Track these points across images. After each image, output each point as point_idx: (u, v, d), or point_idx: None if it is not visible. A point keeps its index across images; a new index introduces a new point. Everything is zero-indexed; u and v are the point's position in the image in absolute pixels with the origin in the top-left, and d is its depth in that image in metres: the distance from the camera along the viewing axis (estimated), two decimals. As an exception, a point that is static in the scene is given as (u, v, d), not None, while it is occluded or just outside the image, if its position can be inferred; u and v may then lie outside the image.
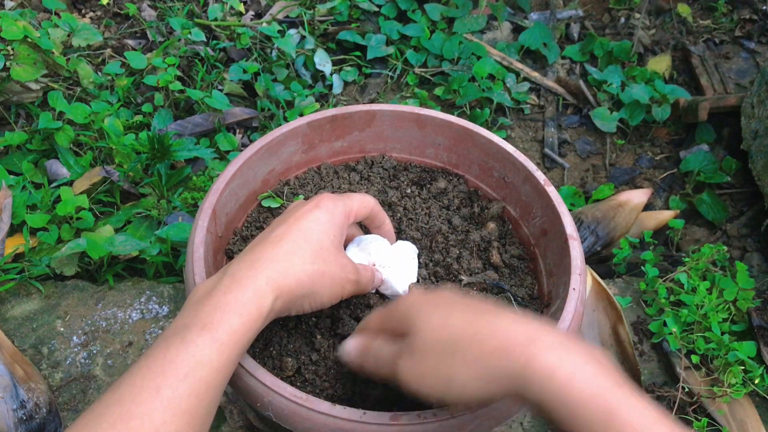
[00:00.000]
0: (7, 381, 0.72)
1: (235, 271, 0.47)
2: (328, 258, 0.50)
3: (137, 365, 0.41)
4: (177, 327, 0.43)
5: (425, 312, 0.45)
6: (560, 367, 0.38)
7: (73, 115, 1.08)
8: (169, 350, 0.41)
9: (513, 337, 0.40)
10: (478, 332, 0.41)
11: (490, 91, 1.25)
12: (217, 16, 1.36)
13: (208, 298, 0.45)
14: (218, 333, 0.43)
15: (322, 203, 0.52)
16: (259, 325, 0.45)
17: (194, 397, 0.40)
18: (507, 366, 0.39)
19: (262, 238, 0.50)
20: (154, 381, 0.40)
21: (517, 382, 0.39)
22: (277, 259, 0.48)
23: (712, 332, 0.83)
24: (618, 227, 1.03)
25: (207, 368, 0.41)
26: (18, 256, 0.92)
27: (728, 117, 1.23)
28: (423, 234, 0.68)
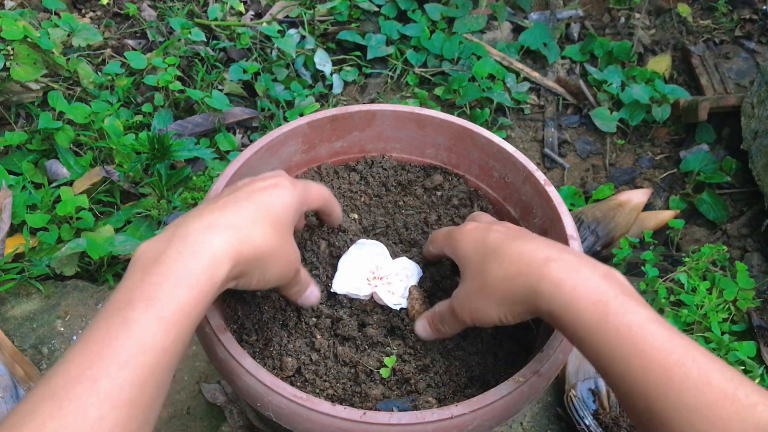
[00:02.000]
0: (7, 381, 0.72)
1: (188, 233, 0.42)
2: (286, 236, 0.49)
3: (74, 350, 0.37)
4: (119, 301, 0.39)
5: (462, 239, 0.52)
6: (568, 279, 0.43)
7: (73, 115, 1.08)
8: (108, 332, 0.37)
9: (534, 257, 0.45)
10: (506, 255, 0.47)
11: (490, 91, 1.25)
12: (217, 16, 1.36)
13: (155, 265, 0.40)
14: (165, 310, 0.38)
15: (282, 183, 0.50)
16: (210, 297, 0.42)
17: (136, 385, 0.36)
18: (525, 281, 0.45)
19: (218, 200, 0.46)
20: (90, 370, 0.35)
21: (532, 294, 0.44)
22: (238, 225, 0.44)
23: (712, 332, 0.83)
24: (618, 227, 1.03)
25: (151, 352, 0.37)
26: (18, 256, 0.92)
27: (728, 117, 1.23)
28: (422, 234, 0.68)
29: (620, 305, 0.41)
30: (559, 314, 0.43)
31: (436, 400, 0.53)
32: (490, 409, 0.48)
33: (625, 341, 0.40)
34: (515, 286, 0.46)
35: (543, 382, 0.50)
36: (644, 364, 0.39)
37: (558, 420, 0.80)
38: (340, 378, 0.55)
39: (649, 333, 0.40)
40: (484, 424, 0.49)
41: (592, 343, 0.41)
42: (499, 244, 0.49)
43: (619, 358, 0.40)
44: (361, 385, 0.54)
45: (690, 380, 0.37)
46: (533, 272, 0.45)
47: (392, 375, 0.55)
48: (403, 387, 0.55)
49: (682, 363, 0.38)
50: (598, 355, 0.41)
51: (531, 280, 0.45)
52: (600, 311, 0.41)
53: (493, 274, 0.48)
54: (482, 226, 0.53)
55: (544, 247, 0.47)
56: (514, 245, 0.48)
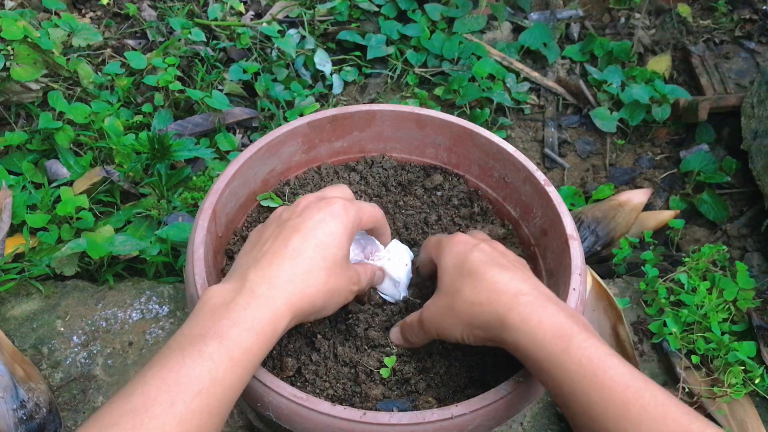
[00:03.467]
0: (7, 381, 0.72)
1: (255, 287, 0.46)
2: (340, 273, 0.51)
3: (151, 373, 0.41)
4: (193, 336, 0.43)
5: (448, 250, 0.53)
6: (535, 313, 0.45)
7: (73, 115, 1.08)
8: (185, 362, 0.41)
9: (506, 288, 0.48)
10: (481, 281, 0.49)
11: (490, 91, 1.25)
12: (217, 16, 1.36)
13: (226, 310, 0.44)
14: (235, 351, 0.43)
15: (336, 210, 0.51)
16: (271, 345, 0.46)
17: (206, 413, 0.40)
18: (493, 309, 0.47)
19: (278, 248, 0.49)
20: (168, 394, 0.39)
21: (498, 323, 0.46)
22: (296, 281, 0.47)
23: (712, 332, 0.83)
24: (618, 227, 1.03)
25: (220, 386, 0.41)
26: (18, 256, 0.92)
27: (728, 117, 1.23)
28: (422, 234, 0.68)
29: (583, 340, 0.43)
30: (524, 345, 0.45)
31: (436, 400, 0.53)
32: (490, 409, 0.48)
33: (586, 374, 0.41)
34: (483, 312, 0.48)
35: (543, 382, 0.50)
36: (604, 396, 0.40)
37: (558, 420, 0.80)
38: (340, 378, 0.55)
39: (610, 367, 0.41)
40: (484, 424, 0.49)
41: (554, 374, 0.43)
42: (478, 267, 0.50)
43: (579, 390, 0.41)
44: (361, 385, 0.54)
45: (647, 413, 0.39)
46: (502, 303, 0.47)
47: (392, 375, 0.55)
48: (403, 387, 0.55)
49: (640, 396, 0.40)
50: (560, 386, 0.43)
51: (499, 309, 0.47)
52: (563, 344, 0.43)
53: (465, 295, 0.49)
54: (471, 241, 0.54)
55: (518, 280, 0.48)
56: (490, 272, 0.49)
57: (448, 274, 0.52)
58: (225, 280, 0.49)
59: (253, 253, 0.50)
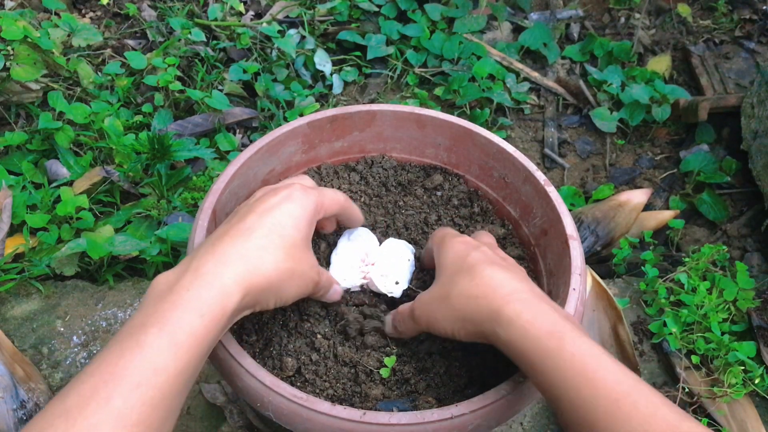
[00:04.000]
0: (7, 381, 0.72)
1: (200, 265, 0.44)
2: (298, 255, 0.49)
3: (89, 370, 0.38)
4: (133, 326, 0.40)
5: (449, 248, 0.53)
6: (529, 310, 0.45)
7: (73, 115, 1.08)
8: (123, 354, 0.38)
9: (502, 285, 0.48)
10: (478, 276, 0.49)
11: (490, 91, 1.25)
12: (217, 16, 1.36)
13: (168, 293, 0.42)
14: (177, 335, 0.40)
15: (294, 195, 0.50)
16: (222, 326, 0.43)
17: (148, 406, 0.38)
18: (487, 304, 0.47)
19: (230, 228, 0.48)
20: (105, 390, 0.37)
21: (491, 318, 0.46)
22: (247, 255, 0.45)
23: (712, 332, 0.83)
24: (618, 227, 1.03)
25: (163, 375, 0.39)
26: (18, 256, 0.92)
27: (728, 117, 1.23)
28: (422, 234, 0.68)
29: (575, 338, 0.43)
30: (516, 341, 0.45)
31: (436, 400, 0.53)
32: (490, 409, 0.48)
33: (577, 370, 0.41)
34: (476, 306, 0.48)
35: (543, 382, 0.50)
36: (594, 393, 0.40)
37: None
38: (340, 378, 0.55)
39: (601, 365, 0.41)
40: (484, 424, 0.49)
41: (546, 370, 0.43)
42: (476, 263, 0.50)
43: (570, 386, 0.41)
44: (361, 385, 0.54)
45: (637, 411, 0.39)
46: (498, 298, 0.47)
47: (392, 375, 0.55)
48: (403, 387, 0.55)
49: (630, 394, 0.40)
50: (551, 383, 0.43)
51: (493, 305, 0.47)
52: (556, 340, 0.43)
53: (460, 288, 0.49)
54: (473, 243, 0.54)
55: (515, 280, 0.49)
56: (488, 269, 0.49)
57: (446, 268, 0.52)
58: (174, 267, 0.46)
59: (206, 239, 0.48)
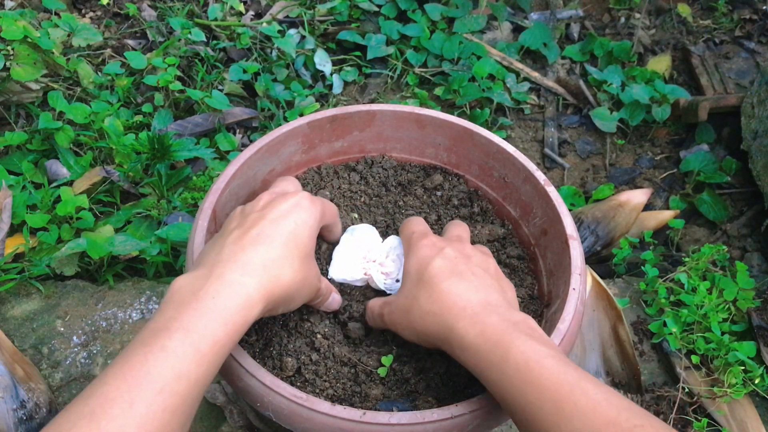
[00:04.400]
0: (7, 381, 0.72)
1: (224, 273, 0.44)
2: (310, 265, 0.50)
3: (112, 372, 0.39)
4: (157, 329, 0.41)
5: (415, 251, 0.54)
6: (478, 325, 0.46)
7: (73, 115, 1.08)
8: (147, 358, 0.39)
9: (456, 301, 0.49)
10: (436, 291, 0.50)
11: (490, 91, 1.25)
12: (217, 16, 1.36)
13: (193, 299, 0.42)
14: (201, 343, 0.40)
15: (303, 203, 0.51)
16: (241, 333, 0.44)
17: (169, 412, 0.38)
18: (443, 321, 0.48)
19: (245, 233, 0.47)
20: (129, 393, 0.37)
21: (447, 334, 0.48)
22: (270, 265, 0.46)
23: (712, 332, 0.83)
24: (618, 227, 1.03)
25: (185, 382, 0.39)
26: (18, 256, 0.92)
27: (728, 117, 1.23)
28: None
29: (521, 344, 0.44)
30: (466, 357, 0.46)
31: (436, 400, 0.53)
32: (490, 409, 0.48)
33: (523, 376, 0.43)
34: (433, 323, 0.49)
35: (543, 382, 0.50)
36: (539, 396, 0.42)
37: (558, 420, 0.80)
38: (340, 378, 0.55)
39: (545, 368, 0.42)
40: (484, 424, 0.49)
41: (495, 378, 0.44)
42: (435, 276, 0.51)
43: (517, 391, 0.43)
44: (361, 385, 0.54)
45: (578, 409, 0.40)
46: (452, 314, 0.48)
47: (392, 375, 0.55)
48: (403, 387, 0.55)
49: (571, 393, 0.41)
50: (501, 389, 0.44)
51: (448, 321, 0.48)
52: (502, 350, 0.44)
53: (420, 303, 0.50)
54: (437, 245, 0.54)
55: (472, 290, 0.49)
56: (446, 283, 0.50)
57: (410, 277, 0.53)
58: (193, 269, 0.46)
59: (219, 242, 0.48)
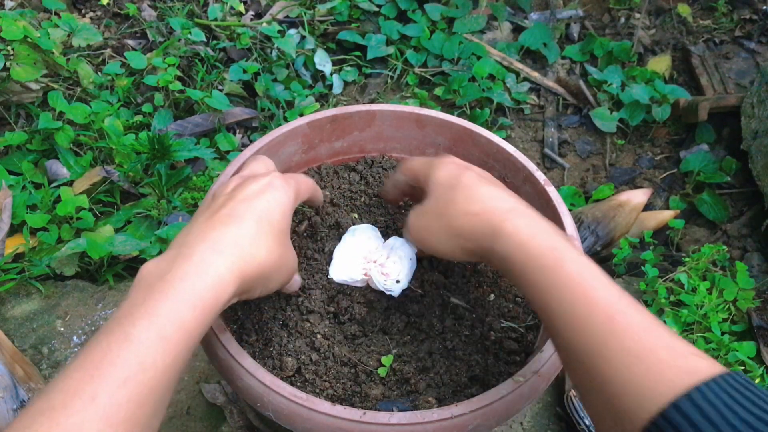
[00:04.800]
0: (7, 381, 0.72)
1: (192, 252, 0.42)
2: (286, 245, 0.49)
3: (75, 364, 0.37)
4: (121, 316, 0.39)
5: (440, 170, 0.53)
6: (529, 227, 0.46)
7: (73, 115, 1.08)
8: (110, 347, 0.37)
9: (500, 203, 0.48)
10: (476, 194, 0.49)
11: (490, 91, 1.25)
12: (217, 16, 1.36)
13: (159, 282, 0.40)
14: (166, 329, 0.38)
15: (276, 182, 0.49)
16: (213, 317, 0.41)
17: (134, 403, 0.36)
18: (487, 219, 0.47)
19: (215, 213, 0.46)
20: (90, 385, 0.35)
21: (490, 234, 0.46)
22: (242, 243, 0.44)
23: (712, 332, 0.83)
24: (618, 227, 1.03)
25: (151, 371, 0.37)
26: (18, 256, 0.92)
27: (728, 117, 1.23)
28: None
29: (574, 256, 0.43)
30: (514, 255, 0.45)
31: (436, 400, 0.53)
32: (490, 409, 0.48)
33: (575, 287, 0.42)
34: (475, 222, 0.48)
35: (543, 382, 0.50)
36: (590, 309, 0.41)
37: (558, 420, 0.80)
38: (340, 378, 0.55)
39: (599, 284, 0.42)
40: (484, 424, 0.49)
41: (543, 285, 0.43)
42: (472, 184, 0.50)
43: (567, 301, 0.42)
44: (361, 385, 0.54)
45: (631, 328, 0.39)
46: (497, 215, 0.47)
47: (392, 375, 0.55)
48: (403, 387, 0.55)
49: (625, 312, 0.40)
50: (547, 299, 0.43)
51: (493, 219, 0.47)
52: (555, 257, 0.43)
53: (457, 205, 0.49)
54: (462, 164, 0.54)
55: (513, 198, 0.49)
56: (484, 188, 0.50)
57: (441, 186, 0.52)
58: (163, 253, 0.44)
59: (188, 225, 0.46)
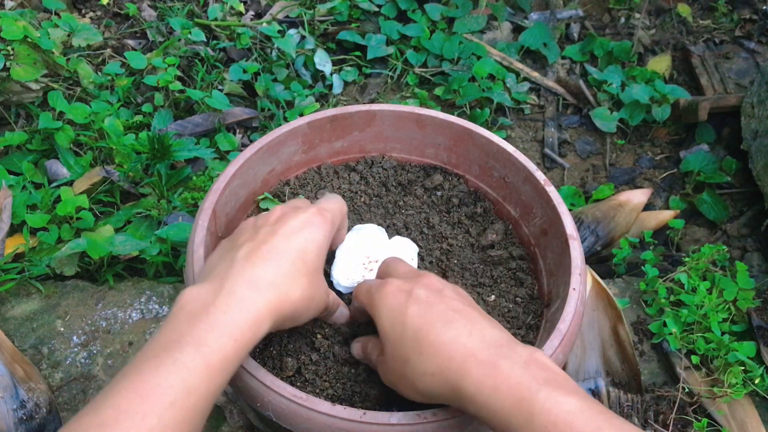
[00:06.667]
0: (7, 381, 0.72)
1: (234, 288, 0.44)
2: (318, 282, 0.50)
3: (123, 383, 0.39)
4: (168, 342, 0.41)
5: (382, 306, 0.49)
6: (489, 378, 0.42)
7: (73, 115, 1.08)
8: (158, 371, 0.39)
9: (454, 352, 0.44)
10: (426, 345, 0.45)
11: (490, 91, 1.25)
12: (217, 16, 1.36)
13: (204, 313, 0.43)
14: (211, 358, 0.41)
15: (315, 220, 0.51)
16: (248, 351, 0.44)
17: (179, 425, 0.39)
18: (446, 379, 0.44)
19: (256, 248, 0.48)
20: (140, 405, 0.38)
21: (455, 393, 0.44)
22: (278, 283, 0.46)
23: (712, 332, 0.83)
24: (618, 227, 1.03)
25: (195, 396, 0.40)
26: (18, 256, 0.92)
27: (728, 117, 1.23)
28: (421, 233, 0.68)
29: (545, 400, 0.40)
30: (485, 416, 0.42)
31: (436, 400, 0.53)
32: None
33: None
34: (435, 384, 0.45)
35: (543, 382, 0.50)
36: None
37: (558, 420, 0.80)
38: (340, 378, 0.55)
39: (577, 425, 0.39)
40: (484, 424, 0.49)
41: None
42: (419, 328, 0.46)
43: None
44: (361, 385, 0.54)
45: None
46: (453, 370, 0.43)
47: (392, 375, 0.55)
48: (403, 387, 0.55)
49: None
50: None
51: (452, 379, 0.44)
52: (525, 411, 0.40)
53: (413, 365, 0.46)
54: (403, 288, 0.49)
55: (465, 335, 0.45)
56: (433, 333, 0.45)
57: (389, 337, 0.48)
58: (201, 282, 0.46)
59: (229, 255, 0.48)
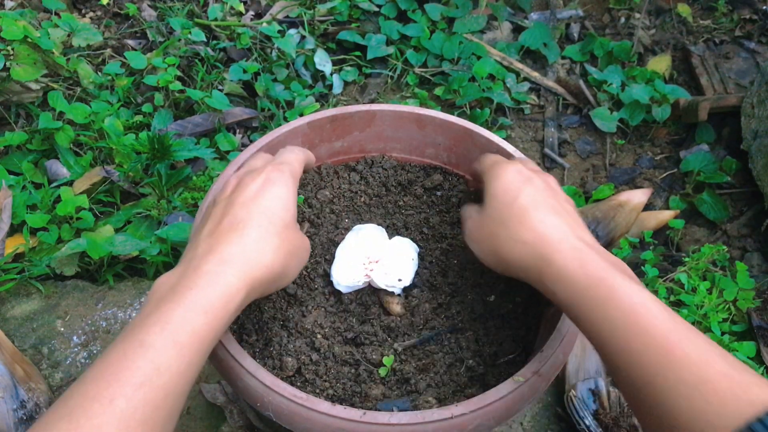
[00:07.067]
0: (7, 381, 0.72)
1: (200, 264, 0.44)
2: (292, 235, 0.49)
3: (91, 371, 0.39)
4: (134, 326, 0.40)
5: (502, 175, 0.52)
6: (578, 258, 0.45)
7: (73, 115, 1.08)
8: (126, 355, 0.39)
9: (552, 233, 0.47)
10: (528, 219, 0.49)
11: (490, 91, 1.25)
12: (217, 16, 1.36)
13: (171, 293, 0.42)
14: (179, 334, 0.40)
15: (272, 176, 0.50)
16: (225, 323, 0.43)
17: (151, 406, 0.38)
18: (536, 251, 0.47)
19: (219, 223, 0.47)
20: (107, 390, 0.37)
21: (539, 265, 0.46)
22: (246, 250, 0.45)
23: (712, 332, 0.83)
24: (618, 227, 1.03)
25: (166, 375, 0.39)
26: (18, 256, 0.92)
27: (728, 117, 1.23)
28: (421, 233, 0.68)
29: (626, 286, 0.42)
30: (563, 290, 0.45)
31: (436, 400, 0.53)
32: (490, 409, 0.48)
33: (627, 319, 0.41)
34: (525, 251, 0.48)
35: (543, 382, 0.50)
36: (646, 341, 0.40)
37: (558, 420, 0.80)
38: (340, 378, 0.55)
39: (652, 313, 0.41)
40: (484, 424, 0.49)
41: (595, 319, 0.43)
42: (527, 207, 0.49)
43: (620, 335, 0.41)
44: (361, 385, 0.54)
45: (689, 359, 0.38)
46: (546, 245, 0.47)
47: (392, 375, 0.55)
48: (403, 387, 0.55)
49: (681, 342, 0.39)
50: (599, 330, 0.42)
51: (542, 251, 0.47)
52: (605, 289, 0.42)
53: (509, 230, 0.49)
54: (524, 172, 0.52)
55: (565, 225, 0.48)
56: (540, 214, 0.49)
57: (497, 201, 0.51)
58: (173, 268, 0.46)
59: (195, 238, 0.48)
